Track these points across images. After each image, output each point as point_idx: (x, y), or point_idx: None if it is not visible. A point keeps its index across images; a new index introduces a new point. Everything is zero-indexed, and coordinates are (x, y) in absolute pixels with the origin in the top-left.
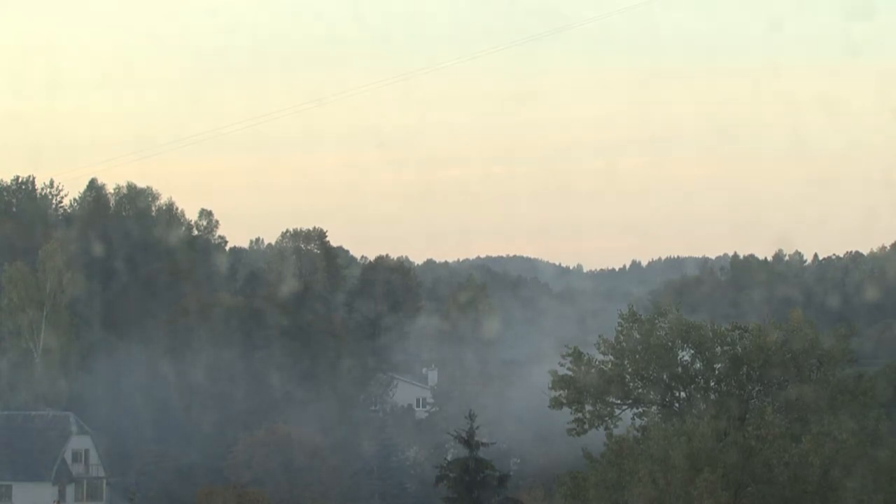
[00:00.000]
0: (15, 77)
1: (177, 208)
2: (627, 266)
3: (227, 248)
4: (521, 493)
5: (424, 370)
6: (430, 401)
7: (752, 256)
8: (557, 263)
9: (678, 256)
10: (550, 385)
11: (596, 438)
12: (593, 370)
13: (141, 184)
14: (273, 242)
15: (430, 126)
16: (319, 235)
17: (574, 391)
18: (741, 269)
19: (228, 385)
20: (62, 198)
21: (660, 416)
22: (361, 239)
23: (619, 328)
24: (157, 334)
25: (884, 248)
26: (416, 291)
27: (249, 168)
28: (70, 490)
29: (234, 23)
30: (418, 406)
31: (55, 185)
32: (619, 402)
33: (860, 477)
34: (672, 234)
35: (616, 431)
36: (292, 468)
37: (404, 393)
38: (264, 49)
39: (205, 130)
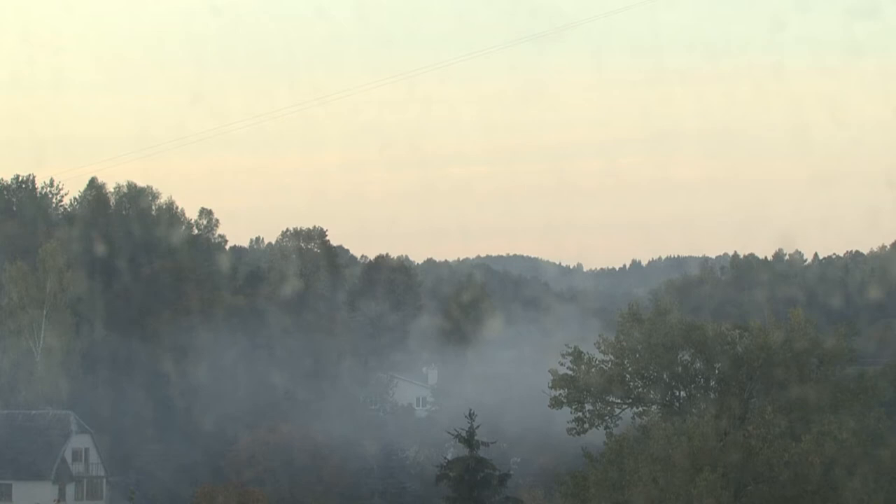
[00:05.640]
0: (15, 75)
1: (177, 207)
2: (628, 265)
3: (227, 247)
4: (521, 493)
5: (424, 369)
6: (431, 400)
7: (752, 256)
8: (558, 263)
9: (679, 256)
10: (551, 384)
11: (596, 438)
12: (594, 369)
13: (141, 183)
14: (273, 242)
15: (432, 125)
16: (320, 234)
17: (574, 390)
18: (742, 269)
19: (230, 384)
20: (62, 197)
21: (660, 415)
22: (362, 238)
23: (620, 328)
24: (158, 333)
25: (884, 247)
26: (417, 291)
27: (250, 167)
28: (70, 489)
29: (235, 22)
30: (419, 405)
31: (55, 183)
32: (619, 401)
33: (861, 476)
34: (673, 234)
35: (616, 431)
36: (293, 467)
37: (405, 392)
38: (266, 48)
39: (206, 129)
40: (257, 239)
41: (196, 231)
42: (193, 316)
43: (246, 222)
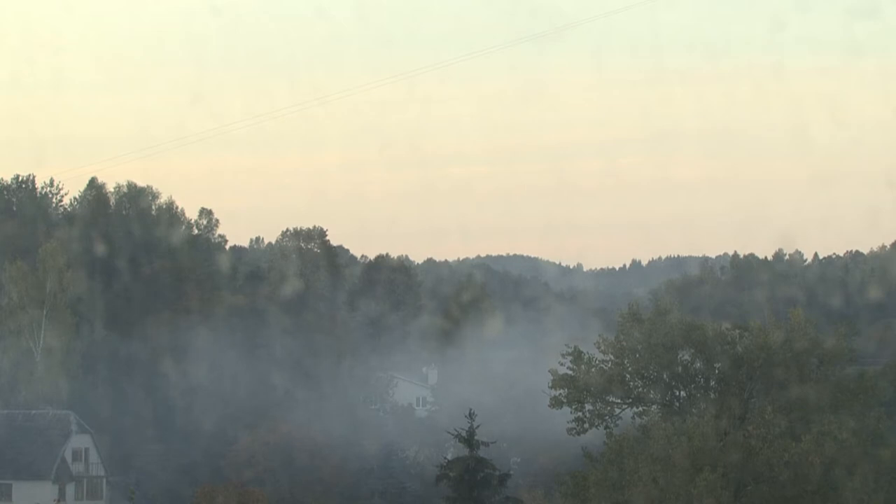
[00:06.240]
0: (15, 75)
1: (177, 207)
2: (628, 265)
3: (227, 247)
4: (521, 493)
5: (425, 369)
6: (431, 400)
7: (752, 256)
8: (558, 262)
9: (678, 256)
10: (551, 384)
11: (596, 438)
12: (594, 369)
13: (141, 183)
14: (273, 242)
15: (432, 125)
16: (320, 234)
17: (574, 390)
18: (742, 269)
19: (230, 384)
20: (62, 197)
21: (660, 415)
22: (362, 238)
23: (620, 328)
24: (158, 333)
25: (884, 247)
26: (417, 291)
27: (250, 167)
28: (70, 489)
29: (235, 22)
30: (419, 405)
31: (55, 183)
32: (619, 401)
33: (861, 476)
34: (673, 234)
35: (616, 431)
36: (293, 467)
37: (405, 392)
38: (266, 48)
39: (206, 129)
40: (257, 239)
41: (196, 231)
42: (193, 316)
43: (246, 222)
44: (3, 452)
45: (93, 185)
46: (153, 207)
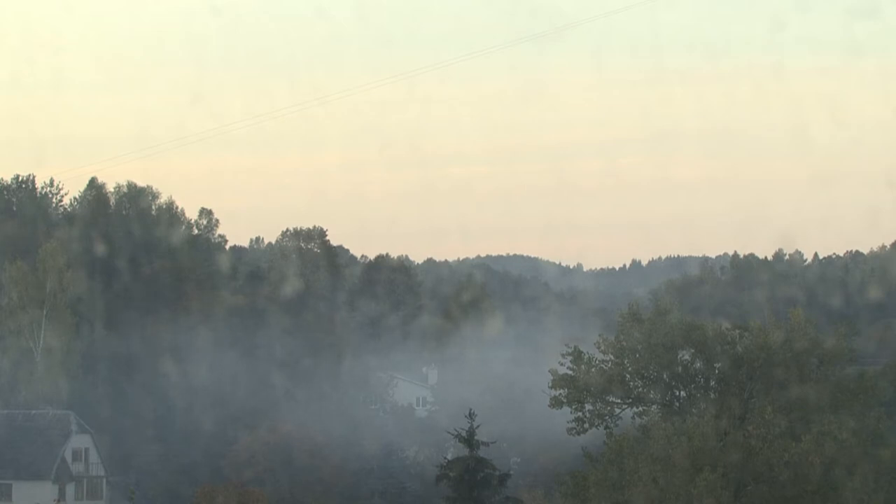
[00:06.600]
0: (15, 75)
1: (177, 207)
2: (628, 265)
3: (227, 247)
4: (521, 493)
5: (425, 369)
6: (431, 400)
7: (752, 256)
8: (558, 263)
9: (678, 256)
10: (551, 384)
11: (596, 438)
12: (594, 369)
13: (141, 183)
14: (273, 242)
15: (432, 125)
16: (320, 234)
17: (574, 390)
18: (742, 269)
19: (230, 384)
20: (62, 197)
21: (660, 415)
22: (362, 238)
23: (620, 328)
24: (158, 333)
25: (884, 247)
26: (417, 291)
27: (250, 167)
28: (70, 489)
29: (235, 22)
30: (419, 405)
31: (55, 183)
32: (619, 401)
33: (861, 476)
34: (673, 234)
35: (616, 431)
36: (293, 467)
37: (405, 392)
38: (266, 48)
39: (206, 129)
40: (257, 239)
41: (196, 231)
42: (193, 316)
43: (246, 222)
44: (3, 452)
45: (93, 185)
46: (153, 207)
